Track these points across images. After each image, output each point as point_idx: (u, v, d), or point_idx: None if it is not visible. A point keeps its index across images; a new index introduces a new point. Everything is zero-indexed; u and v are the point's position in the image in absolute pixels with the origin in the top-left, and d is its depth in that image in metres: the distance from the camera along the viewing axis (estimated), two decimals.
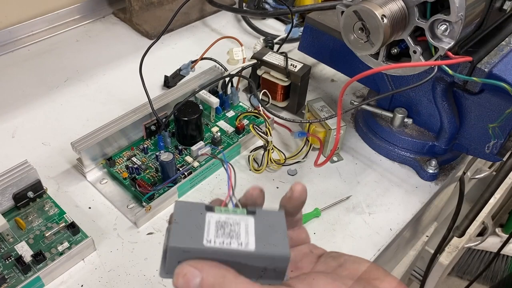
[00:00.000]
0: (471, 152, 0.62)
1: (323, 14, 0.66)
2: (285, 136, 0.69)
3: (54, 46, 0.84)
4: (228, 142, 0.64)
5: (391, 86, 0.62)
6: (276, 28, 0.92)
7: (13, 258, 0.49)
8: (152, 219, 0.57)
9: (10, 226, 0.50)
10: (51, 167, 0.62)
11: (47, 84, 0.75)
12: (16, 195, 0.53)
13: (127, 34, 0.88)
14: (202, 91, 0.66)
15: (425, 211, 0.65)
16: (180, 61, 0.74)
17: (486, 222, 1.21)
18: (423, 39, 0.48)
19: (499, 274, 1.52)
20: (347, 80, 0.47)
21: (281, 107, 0.72)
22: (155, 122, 0.63)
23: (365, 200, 0.61)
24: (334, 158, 0.66)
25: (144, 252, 0.53)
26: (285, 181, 0.62)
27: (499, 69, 0.51)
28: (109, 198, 0.58)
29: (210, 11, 0.95)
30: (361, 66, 0.56)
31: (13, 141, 0.65)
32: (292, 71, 0.67)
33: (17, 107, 0.70)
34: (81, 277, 0.50)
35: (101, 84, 0.76)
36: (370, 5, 0.46)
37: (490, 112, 0.55)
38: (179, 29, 0.90)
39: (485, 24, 0.53)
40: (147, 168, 0.60)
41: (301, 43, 0.69)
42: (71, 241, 0.51)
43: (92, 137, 0.58)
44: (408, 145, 0.64)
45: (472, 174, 1.01)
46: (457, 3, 0.44)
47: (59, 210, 0.54)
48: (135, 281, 0.50)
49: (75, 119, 0.69)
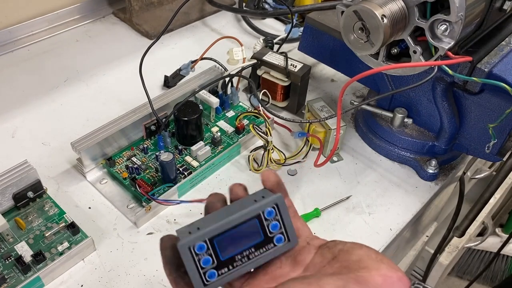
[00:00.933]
0: (471, 152, 0.62)
1: (323, 14, 0.66)
2: (285, 136, 0.69)
3: (54, 46, 0.83)
4: (228, 142, 0.64)
5: (391, 86, 0.62)
6: (276, 28, 0.92)
7: (13, 258, 0.49)
8: (152, 219, 0.57)
9: (10, 226, 0.50)
10: (51, 167, 0.62)
11: (47, 84, 0.75)
12: (16, 195, 0.53)
13: (127, 34, 0.88)
14: (202, 91, 0.66)
15: (425, 211, 0.65)
16: (180, 61, 0.74)
17: (486, 222, 1.22)
18: (423, 39, 0.48)
19: (499, 274, 1.52)
20: (347, 80, 0.47)
21: (281, 107, 0.72)
22: (155, 122, 0.63)
23: (365, 200, 0.61)
24: (334, 158, 0.66)
25: (144, 252, 0.53)
26: (285, 181, 0.61)
27: (499, 69, 0.51)
28: (109, 198, 0.58)
29: (210, 11, 0.94)
30: (361, 66, 0.56)
31: (13, 141, 0.65)
32: (292, 71, 0.67)
33: (17, 107, 0.70)
34: (81, 277, 0.50)
35: (101, 84, 0.76)
36: (370, 5, 0.46)
37: (490, 112, 0.55)
38: (179, 29, 0.90)
39: (485, 24, 0.53)
40: (147, 168, 0.60)
41: (301, 43, 0.69)
42: (71, 241, 0.51)
43: (92, 137, 0.58)
44: (408, 145, 0.64)
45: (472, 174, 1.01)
46: (457, 3, 0.44)
47: (59, 210, 0.54)
48: (135, 281, 0.50)
49: (75, 119, 0.69)
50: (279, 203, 0.33)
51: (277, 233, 0.33)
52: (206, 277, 0.31)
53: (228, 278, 0.32)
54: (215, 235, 0.31)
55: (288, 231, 0.33)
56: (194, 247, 0.31)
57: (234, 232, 0.32)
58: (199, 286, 0.31)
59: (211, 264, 0.31)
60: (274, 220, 0.33)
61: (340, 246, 0.32)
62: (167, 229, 0.55)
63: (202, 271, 0.31)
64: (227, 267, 0.32)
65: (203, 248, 0.31)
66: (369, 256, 0.30)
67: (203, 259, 0.31)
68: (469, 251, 1.44)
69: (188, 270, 0.31)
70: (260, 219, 0.33)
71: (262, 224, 0.33)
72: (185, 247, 0.31)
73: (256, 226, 0.33)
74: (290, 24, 0.80)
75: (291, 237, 0.33)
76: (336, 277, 0.29)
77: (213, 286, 0.32)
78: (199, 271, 0.31)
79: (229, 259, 0.32)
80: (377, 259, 0.30)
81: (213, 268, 0.32)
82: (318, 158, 0.62)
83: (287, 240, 0.33)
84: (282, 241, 0.33)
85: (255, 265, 0.33)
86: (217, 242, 0.31)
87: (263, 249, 0.33)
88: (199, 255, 0.31)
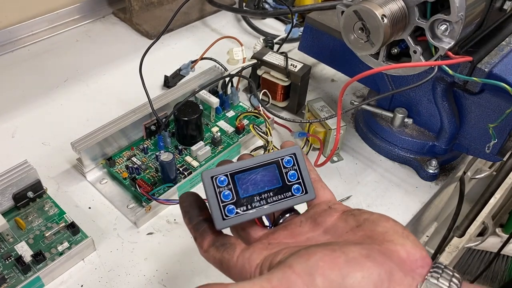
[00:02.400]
0: (471, 152, 0.62)
1: (323, 14, 0.66)
2: (285, 136, 0.69)
3: (54, 46, 0.83)
4: (228, 142, 0.64)
5: (391, 86, 0.62)
6: (276, 28, 0.92)
7: (13, 258, 0.49)
8: (152, 219, 0.57)
9: (10, 226, 0.50)
10: (51, 167, 0.62)
11: (47, 84, 0.75)
12: (16, 195, 0.53)
13: (127, 34, 0.88)
14: (202, 91, 0.66)
15: (425, 211, 0.65)
16: (180, 61, 0.74)
17: (486, 222, 1.21)
18: (423, 39, 0.48)
19: (499, 274, 1.52)
20: (347, 80, 0.47)
21: (281, 107, 0.72)
22: (155, 122, 0.63)
23: (365, 200, 0.61)
24: (334, 158, 0.66)
25: (144, 252, 0.53)
26: None
27: (499, 69, 0.51)
28: (109, 198, 0.58)
29: (210, 11, 0.94)
30: (361, 66, 0.56)
31: (13, 141, 0.65)
32: (292, 71, 0.67)
33: (17, 107, 0.70)
34: (81, 277, 0.50)
35: (101, 84, 0.76)
36: (370, 5, 0.46)
37: (490, 112, 0.55)
38: (179, 29, 0.90)
39: (485, 24, 0.53)
40: (147, 168, 0.60)
41: (301, 43, 0.69)
42: (71, 241, 0.51)
43: (92, 137, 0.58)
44: (408, 145, 0.64)
45: (472, 174, 1.01)
46: (457, 3, 0.44)
47: (59, 210, 0.54)
48: (135, 281, 0.50)
49: (75, 119, 0.69)
50: (297, 153, 0.34)
51: (294, 183, 0.34)
52: (225, 211, 0.32)
53: (246, 217, 0.33)
54: (235, 171, 0.33)
55: (305, 183, 0.34)
56: (216, 179, 0.32)
57: (253, 173, 0.33)
58: (218, 219, 0.32)
59: (230, 199, 0.32)
60: (292, 170, 0.34)
61: (366, 216, 0.32)
62: (167, 229, 0.55)
63: (222, 205, 0.32)
64: (245, 205, 0.33)
65: (224, 182, 0.32)
66: (395, 230, 0.30)
67: (223, 192, 0.32)
68: (469, 251, 1.44)
69: (209, 199, 0.32)
70: (279, 165, 0.34)
71: (281, 171, 0.34)
72: (208, 176, 0.32)
73: (275, 172, 0.34)
74: (290, 24, 0.80)
75: (309, 190, 0.34)
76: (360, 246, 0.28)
77: (231, 221, 0.32)
78: (219, 204, 0.32)
79: (248, 197, 0.33)
80: (403, 235, 0.29)
81: (232, 204, 0.32)
82: (318, 158, 0.62)
83: (305, 192, 0.34)
84: (300, 191, 0.34)
85: (272, 210, 0.34)
86: (237, 178, 0.33)
87: (281, 196, 0.34)
88: (220, 187, 0.32)
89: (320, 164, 0.60)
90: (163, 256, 0.53)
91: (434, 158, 0.63)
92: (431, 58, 0.49)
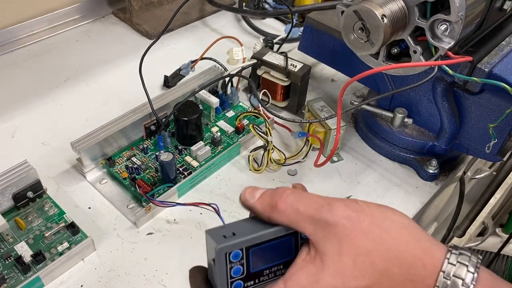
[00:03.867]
0: (471, 152, 0.62)
1: (323, 14, 0.66)
2: (285, 136, 0.69)
3: (54, 46, 0.83)
4: (228, 142, 0.64)
5: (391, 86, 0.62)
6: (276, 28, 0.92)
7: (12, 258, 0.49)
8: (152, 219, 0.57)
9: (10, 226, 0.50)
10: (51, 167, 0.62)
11: (47, 84, 0.75)
12: (16, 195, 0.53)
13: (127, 34, 0.88)
14: (202, 91, 0.66)
15: (425, 211, 0.65)
16: (180, 61, 0.74)
17: (486, 222, 1.21)
18: (423, 39, 0.48)
19: (499, 274, 1.52)
20: (347, 80, 0.47)
21: (281, 107, 0.72)
22: (155, 122, 0.63)
23: (365, 200, 0.61)
24: (334, 158, 0.66)
25: (144, 252, 0.53)
26: (285, 181, 0.62)
27: (499, 69, 0.51)
28: (109, 198, 0.58)
29: (210, 11, 0.94)
30: (361, 66, 0.56)
31: (13, 141, 0.65)
32: (292, 71, 0.67)
33: (17, 107, 0.70)
34: (81, 277, 0.50)
35: (101, 84, 0.76)
36: (370, 5, 0.46)
37: (490, 112, 0.55)
38: (179, 29, 0.90)
39: (485, 24, 0.53)
40: (147, 168, 0.60)
41: (301, 43, 0.69)
42: (71, 241, 0.51)
43: (92, 137, 0.58)
44: (408, 145, 0.64)
45: (472, 174, 1.01)
46: (457, 3, 0.44)
47: (59, 210, 0.54)
48: (135, 281, 0.50)
49: (75, 119, 0.69)
50: None
51: None
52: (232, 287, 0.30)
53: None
54: (252, 245, 0.30)
55: None
56: (230, 254, 0.29)
57: (270, 245, 0.31)
58: None
59: (240, 275, 0.30)
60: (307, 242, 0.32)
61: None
62: (167, 229, 0.55)
63: (230, 281, 0.30)
64: (253, 280, 0.31)
65: (238, 257, 0.30)
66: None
67: (234, 268, 0.30)
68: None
69: (218, 277, 0.30)
70: (296, 238, 0.32)
71: (297, 243, 0.32)
72: (222, 252, 0.29)
73: (291, 244, 0.32)
74: (290, 24, 0.80)
75: None
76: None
77: None
78: (227, 281, 0.30)
79: (258, 272, 0.31)
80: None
81: (241, 279, 0.30)
82: (318, 158, 0.62)
83: None
84: None
85: None
86: (252, 252, 0.30)
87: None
88: (232, 263, 0.30)
89: (320, 164, 0.60)
90: (163, 256, 0.53)
91: (434, 158, 0.63)
92: (431, 58, 0.49)
